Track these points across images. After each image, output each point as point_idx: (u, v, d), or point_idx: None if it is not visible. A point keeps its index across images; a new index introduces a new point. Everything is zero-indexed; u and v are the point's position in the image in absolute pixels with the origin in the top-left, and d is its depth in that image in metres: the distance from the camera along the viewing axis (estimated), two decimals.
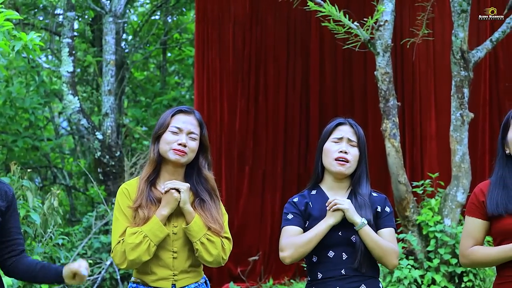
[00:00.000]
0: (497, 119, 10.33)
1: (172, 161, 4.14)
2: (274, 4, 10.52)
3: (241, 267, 10.51)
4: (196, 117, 4.27)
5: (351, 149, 4.18)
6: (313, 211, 4.16)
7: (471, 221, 4.06)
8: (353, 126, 4.27)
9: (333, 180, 4.23)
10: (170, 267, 4.10)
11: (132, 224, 4.06)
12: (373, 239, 4.03)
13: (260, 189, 10.82)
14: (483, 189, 4.08)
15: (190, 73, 14.86)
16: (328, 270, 4.08)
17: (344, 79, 11.07)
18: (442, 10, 10.27)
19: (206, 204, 4.18)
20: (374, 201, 4.21)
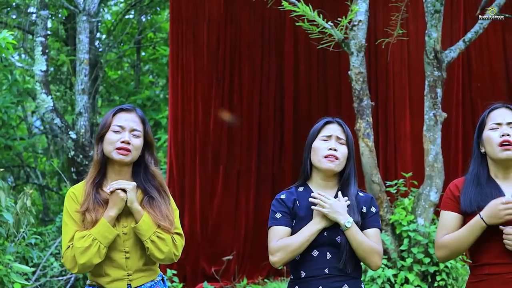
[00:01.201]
0: (470, 119, 10.40)
1: (116, 161, 4.10)
2: (249, 3, 10.52)
3: (215, 267, 10.49)
4: (138, 114, 4.22)
5: (340, 147, 4.19)
6: (299, 210, 4.16)
7: (446, 215, 4.09)
8: (341, 125, 4.28)
9: (321, 179, 4.22)
10: (124, 268, 4.07)
11: (81, 228, 4.02)
12: (357, 239, 4.04)
13: (235, 188, 10.81)
14: (458, 185, 4.13)
15: (164, 72, 14.84)
16: (312, 269, 4.08)
17: (319, 79, 11.09)
18: (416, 11, 10.33)
19: (155, 201, 4.13)
20: (360, 201, 4.21)
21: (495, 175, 4.08)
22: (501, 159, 4.00)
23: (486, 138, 4.07)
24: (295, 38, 10.95)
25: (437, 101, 8.46)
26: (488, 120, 4.12)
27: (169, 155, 10.62)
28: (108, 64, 14.74)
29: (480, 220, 3.89)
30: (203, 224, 10.55)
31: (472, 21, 9.68)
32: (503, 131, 4.01)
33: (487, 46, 10.58)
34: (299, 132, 10.83)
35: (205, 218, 10.59)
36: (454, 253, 4.04)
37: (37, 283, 9.22)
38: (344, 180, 4.23)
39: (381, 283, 7.97)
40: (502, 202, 3.85)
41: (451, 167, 10.13)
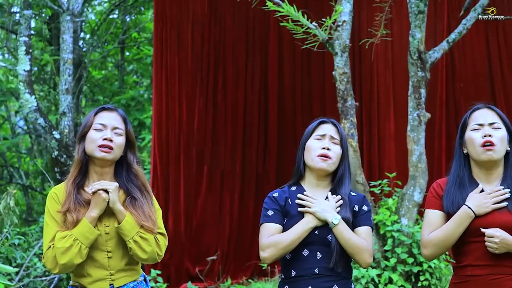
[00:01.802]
0: (454, 119, 10.44)
1: (99, 159, 4.09)
2: (233, 3, 10.52)
3: (199, 267, 10.48)
4: (119, 113, 4.23)
5: (334, 147, 4.20)
6: (291, 208, 4.17)
7: (431, 213, 4.11)
8: (335, 125, 4.30)
9: (314, 178, 4.23)
10: (106, 267, 4.06)
11: (63, 228, 4.01)
12: (345, 237, 4.05)
13: (219, 188, 10.80)
14: (441, 184, 4.15)
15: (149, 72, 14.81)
16: (302, 268, 4.09)
17: (303, 79, 11.10)
18: (400, 11, 10.36)
19: (137, 201, 4.12)
20: (352, 200, 4.22)
21: (477, 176, 4.10)
22: (483, 160, 4.02)
23: (468, 139, 4.08)
24: (279, 38, 10.96)
25: (421, 101, 8.48)
26: (470, 121, 4.13)
27: (153, 155, 10.60)
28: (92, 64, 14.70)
29: (468, 210, 3.91)
30: (187, 224, 10.54)
31: (455, 22, 9.72)
32: (485, 131, 4.03)
33: (471, 47, 10.63)
34: (284, 132, 10.84)
35: (189, 218, 10.58)
36: (442, 249, 4.05)
37: (21, 284, 9.18)
38: (337, 180, 4.24)
39: (365, 283, 7.98)
40: (488, 192, 3.92)
41: (434, 167, 10.16)
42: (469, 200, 3.96)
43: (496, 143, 3.99)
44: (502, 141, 4.02)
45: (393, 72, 10.76)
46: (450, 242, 4.00)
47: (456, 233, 3.96)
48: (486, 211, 3.91)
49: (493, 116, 4.11)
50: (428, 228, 4.08)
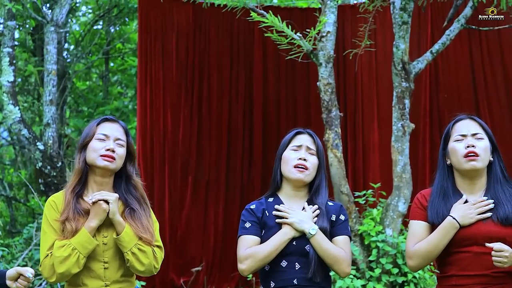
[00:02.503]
0: (438, 129, 10.46)
1: (100, 168, 4.10)
2: (217, 14, 10.54)
3: (184, 278, 10.45)
4: (121, 125, 4.27)
5: (310, 157, 4.21)
6: (268, 220, 4.17)
7: (415, 224, 4.12)
8: (312, 136, 4.30)
9: (292, 189, 4.24)
10: (102, 278, 4.05)
11: (61, 237, 4.01)
12: (323, 247, 4.05)
13: (204, 199, 10.79)
14: (425, 195, 4.17)
15: (133, 83, 14.79)
16: (281, 279, 4.09)
17: (287, 90, 11.12)
18: (384, 22, 10.39)
19: (136, 213, 4.14)
20: (329, 210, 4.23)
21: (460, 187, 4.11)
22: (466, 170, 4.03)
23: (452, 149, 4.10)
24: (264, 49, 10.98)
25: (405, 112, 8.51)
26: (453, 131, 4.15)
27: (138, 165, 10.50)
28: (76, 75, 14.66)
29: (453, 221, 3.93)
30: (172, 235, 10.51)
31: (439, 33, 9.77)
32: (468, 142, 4.05)
33: (454, 58, 10.66)
34: (268, 142, 10.84)
35: (174, 228, 10.55)
36: (427, 260, 4.06)
37: None
38: (314, 190, 4.25)
39: None
40: (472, 203, 3.93)
41: (419, 177, 10.18)
42: (453, 211, 3.98)
43: (479, 153, 4.01)
44: (485, 152, 4.05)
45: (377, 83, 10.79)
46: (435, 253, 4.01)
47: (441, 244, 3.97)
48: (470, 221, 3.93)
49: (476, 126, 4.13)
50: (413, 239, 4.09)
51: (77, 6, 14.70)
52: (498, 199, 4.01)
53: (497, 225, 3.94)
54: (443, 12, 10.29)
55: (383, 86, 10.51)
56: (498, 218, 3.96)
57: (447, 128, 4.21)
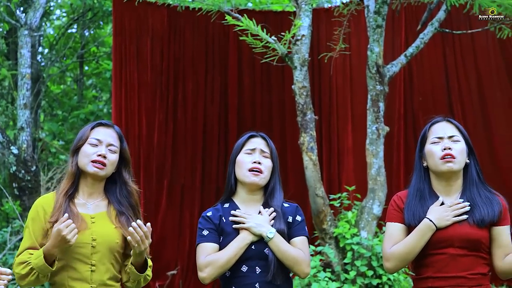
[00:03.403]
0: (412, 132, 10.52)
1: (91, 174, 4.09)
2: (192, 18, 10.53)
3: (160, 282, 10.43)
4: (115, 130, 4.25)
5: (264, 160, 4.21)
6: (226, 226, 4.16)
7: (392, 226, 4.13)
8: (265, 139, 4.30)
9: (246, 193, 4.23)
10: (88, 281, 4.02)
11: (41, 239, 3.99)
12: (281, 249, 4.05)
13: (179, 203, 10.77)
14: (402, 197, 4.18)
15: (108, 86, 14.75)
16: (242, 284, 4.07)
17: (263, 93, 11.13)
18: (358, 25, 10.44)
19: (130, 221, 4.12)
20: (285, 211, 4.23)
21: (437, 189, 4.13)
22: (442, 172, 4.05)
23: (428, 152, 4.12)
24: (239, 52, 10.98)
25: (380, 115, 8.54)
26: (429, 134, 4.17)
27: None
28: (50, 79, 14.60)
29: (429, 223, 3.94)
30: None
31: (413, 36, 9.81)
32: (444, 145, 4.07)
33: (428, 61, 10.72)
34: None
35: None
36: (404, 262, 4.07)
37: None
38: (268, 193, 4.25)
39: None
40: (449, 205, 3.96)
41: (393, 180, 10.22)
42: (430, 213, 3.99)
43: (455, 155, 4.03)
44: (462, 154, 4.07)
45: (351, 86, 10.83)
46: (412, 255, 4.03)
47: (418, 246, 3.98)
48: (447, 223, 3.95)
49: (452, 129, 4.15)
50: (390, 241, 4.10)
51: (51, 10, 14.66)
52: (474, 201, 4.03)
53: (472, 227, 3.96)
54: (417, 16, 10.34)
55: (358, 89, 10.55)
56: (474, 220, 3.98)
57: (423, 130, 4.22)
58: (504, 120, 10.50)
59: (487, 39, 10.45)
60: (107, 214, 4.13)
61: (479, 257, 3.97)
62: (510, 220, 4.07)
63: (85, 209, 4.12)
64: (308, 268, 4.14)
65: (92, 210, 4.13)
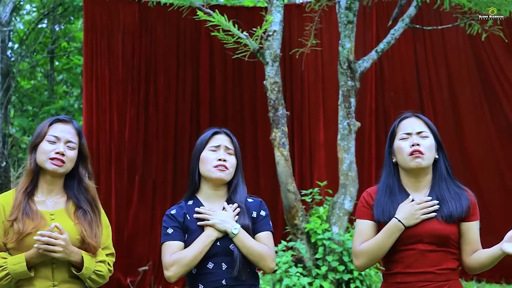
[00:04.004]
0: (383, 128, 10.57)
1: (49, 171, 4.06)
2: (164, 13, 10.50)
3: (131, 278, 10.40)
4: (74, 126, 4.19)
5: (229, 157, 4.21)
6: (190, 223, 4.14)
7: (361, 223, 4.13)
8: (229, 135, 4.30)
9: (210, 188, 4.23)
10: (50, 278, 3.99)
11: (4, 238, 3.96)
12: (246, 245, 4.05)
13: (151, 198, 10.75)
14: (371, 193, 4.17)
15: (79, 82, 14.68)
16: (209, 281, 4.06)
17: (234, 89, 11.13)
18: (329, 21, 10.46)
19: (87, 216, 4.10)
20: (249, 206, 4.23)
21: (406, 185, 4.14)
22: (411, 168, 4.06)
23: (397, 148, 4.13)
24: (210, 48, 10.97)
25: (351, 110, 8.57)
26: (398, 130, 4.17)
27: None
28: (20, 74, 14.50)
29: (398, 223, 3.95)
30: (118, 235, 10.45)
31: (384, 32, 9.86)
32: (413, 141, 4.07)
33: (399, 56, 10.78)
34: None
35: (120, 228, 10.49)
36: (373, 260, 4.08)
37: None
38: (232, 189, 4.25)
39: None
40: (417, 203, 3.95)
41: (365, 175, 10.27)
42: (398, 211, 3.99)
43: (424, 151, 4.04)
44: (430, 150, 4.07)
45: (323, 82, 10.86)
46: (381, 253, 4.04)
47: (387, 244, 3.99)
48: (415, 222, 3.95)
49: (421, 125, 4.16)
50: (359, 239, 4.11)
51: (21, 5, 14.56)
52: (443, 197, 4.05)
53: (441, 223, 3.98)
54: (388, 12, 10.39)
55: (329, 85, 10.58)
56: (443, 216, 3.99)
57: (392, 126, 4.22)
58: (474, 115, 10.58)
59: (458, 35, 10.53)
60: (66, 210, 4.09)
61: (448, 253, 3.98)
62: (479, 216, 4.09)
63: (44, 206, 4.08)
64: (273, 263, 4.14)
65: (52, 207, 4.09)
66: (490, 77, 10.54)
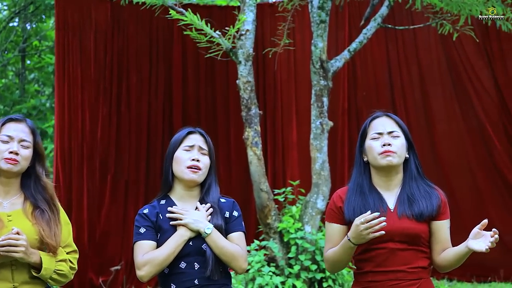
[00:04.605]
0: (356, 127, 10.60)
1: (4, 170, 4.02)
2: (136, 12, 10.46)
3: (103, 277, 10.36)
4: (28, 124, 4.15)
5: (203, 157, 4.19)
6: (163, 223, 4.13)
7: (329, 227, 4.15)
8: (203, 135, 4.29)
9: (183, 189, 4.22)
10: (10, 280, 3.94)
11: None
12: (218, 245, 4.05)
13: (123, 197, 10.71)
14: (341, 195, 4.17)
15: (51, 81, 14.61)
16: (181, 281, 4.05)
17: (207, 88, 11.12)
18: (302, 20, 10.48)
19: (45, 215, 4.05)
20: (222, 206, 4.23)
21: (377, 184, 4.15)
22: (382, 166, 4.07)
23: (368, 147, 4.13)
24: (183, 47, 10.95)
25: (324, 110, 8.59)
26: (369, 129, 4.18)
27: (56, 164, 10.44)
28: None
29: (348, 242, 3.95)
30: (90, 235, 10.41)
31: (356, 31, 9.89)
32: (384, 140, 4.08)
33: (372, 56, 10.83)
34: None
35: (92, 228, 10.45)
36: (337, 268, 4.14)
37: None
38: (205, 189, 4.24)
39: None
40: (361, 222, 3.86)
41: (337, 175, 10.30)
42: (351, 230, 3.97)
43: (395, 151, 4.05)
44: (401, 149, 4.09)
45: (296, 81, 10.88)
46: (341, 264, 4.09)
47: (345, 258, 4.02)
48: (365, 241, 3.93)
49: (392, 124, 4.17)
50: (328, 243, 4.14)
51: None
52: (413, 196, 4.06)
53: (412, 221, 3.99)
54: (360, 11, 10.43)
55: (302, 84, 10.60)
56: (413, 215, 4.00)
57: (364, 125, 4.23)
58: (445, 114, 10.65)
59: (429, 35, 10.59)
60: (23, 211, 4.04)
61: (418, 251, 4.00)
62: (449, 215, 4.12)
63: (1, 208, 4.03)
64: (245, 264, 4.14)
65: (8, 208, 4.05)
66: (461, 76, 10.61)
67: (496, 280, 10.05)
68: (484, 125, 10.46)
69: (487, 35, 10.41)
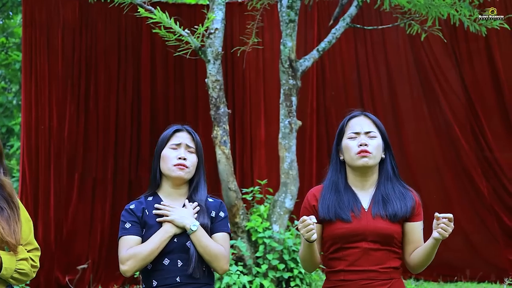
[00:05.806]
0: (324, 127, 10.62)
1: None
2: (104, 9, 10.41)
3: (70, 276, 10.30)
4: None
5: (190, 156, 4.19)
6: (148, 219, 4.13)
7: None
8: (191, 133, 4.28)
9: (171, 187, 4.21)
10: None
11: None
12: (202, 243, 4.05)
13: (90, 196, 10.65)
14: (315, 193, 4.18)
15: (18, 78, 14.49)
16: (163, 278, 4.04)
17: (176, 86, 11.09)
18: (271, 20, 10.49)
19: (4, 213, 4.01)
20: (209, 206, 4.23)
21: (352, 183, 4.16)
22: (358, 166, 4.08)
23: (345, 146, 4.14)
24: (152, 45, 10.91)
25: (292, 109, 8.60)
26: (347, 128, 4.19)
27: (22, 162, 10.36)
28: None
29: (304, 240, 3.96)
30: (57, 233, 10.34)
31: (325, 31, 9.91)
32: (361, 140, 4.09)
33: (340, 56, 10.86)
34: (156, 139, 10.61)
35: (59, 226, 10.38)
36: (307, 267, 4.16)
37: None
38: (193, 187, 4.24)
39: None
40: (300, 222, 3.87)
41: (306, 174, 10.31)
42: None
43: (371, 151, 4.06)
44: (378, 149, 4.10)
45: (264, 80, 10.89)
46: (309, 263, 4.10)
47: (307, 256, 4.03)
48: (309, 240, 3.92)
49: (369, 124, 4.18)
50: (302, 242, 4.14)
51: None
52: (388, 196, 4.08)
53: (385, 221, 4.01)
54: (329, 11, 10.46)
55: (271, 83, 10.61)
56: (387, 215, 4.02)
57: (341, 124, 4.23)
58: (414, 114, 10.70)
59: (398, 35, 10.63)
60: None
61: (391, 252, 4.02)
62: (423, 216, 4.14)
63: None
64: (227, 265, 4.14)
65: None
66: (429, 76, 10.66)
67: (462, 279, 10.12)
68: (451, 125, 10.52)
69: (455, 36, 10.47)
